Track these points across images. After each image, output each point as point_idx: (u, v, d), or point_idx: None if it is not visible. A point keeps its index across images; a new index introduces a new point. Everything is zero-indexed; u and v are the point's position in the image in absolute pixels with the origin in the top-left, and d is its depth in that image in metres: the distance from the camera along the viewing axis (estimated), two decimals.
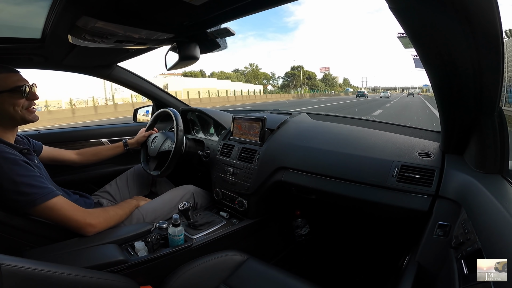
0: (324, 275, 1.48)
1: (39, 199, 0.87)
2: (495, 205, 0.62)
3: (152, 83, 1.99)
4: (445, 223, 0.83)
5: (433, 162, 0.96)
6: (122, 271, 0.91)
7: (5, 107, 0.94)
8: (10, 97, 0.94)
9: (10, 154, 0.88)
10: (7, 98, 0.94)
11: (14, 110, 0.95)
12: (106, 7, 0.77)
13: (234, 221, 1.32)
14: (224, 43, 1.18)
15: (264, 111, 1.77)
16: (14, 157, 0.86)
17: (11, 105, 0.94)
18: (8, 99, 0.94)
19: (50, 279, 0.58)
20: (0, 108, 0.93)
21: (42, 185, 0.90)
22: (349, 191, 1.07)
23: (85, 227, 0.96)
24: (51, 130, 1.69)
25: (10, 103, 0.94)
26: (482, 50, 0.58)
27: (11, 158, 0.86)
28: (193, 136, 1.82)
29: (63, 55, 1.28)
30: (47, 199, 0.89)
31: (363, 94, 45.37)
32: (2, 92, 0.93)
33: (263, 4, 0.81)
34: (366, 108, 18.03)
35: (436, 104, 0.80)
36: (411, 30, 0.59)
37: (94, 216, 0.99)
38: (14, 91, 0.95)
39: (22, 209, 0.87)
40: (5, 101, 0.93)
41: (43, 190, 0.89)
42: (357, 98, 39.34)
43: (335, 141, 1.22)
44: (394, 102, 25.88)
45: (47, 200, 0.89)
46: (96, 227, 0.98)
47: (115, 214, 1.07)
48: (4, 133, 0.96)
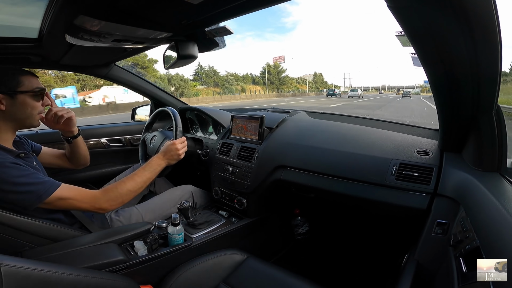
0: (323, 273, 1.49)
1: (44, 193, 0.88)
2: (493, 203, 0.63)
3: (150, 82, 1.99)
4: (443, 221, 0.84)
5: (432, 160, 0.96)
6: (122, 271, 0.91)
7: (23, 107, 0.95)
8: (32, 98, 0.96)
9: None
10: (29, 99, 0.95)
11: (30, 112, 0.97)
12: (103, 6, 0.77)
13: (234, 220, 1.33)
14: (222, 42, 1.18)
15: (262, 109, 1.77)
16: (2, 161, 0.85)
17: (29, 106, 0.96)
18: (29, 100, 0.95)
19: (49, 279, 0.58)
20: (18, 108, 0.94)
21: (41, 180, 0.90)
22: (348, 189, 1.07)
23: (96, 211, 0.98)
24: (49, 130, 1.68)
25: (30, 104, 0.95)
26: (480, 49, 0.58)
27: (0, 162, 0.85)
28: (191, 135, 1.82)
29: (60, 54, 1.28)
30: (52, 191, 0.89)
31: (334, 93, 41.28)
32: (27, 92, 0.94)
33: (261, 2, 0.81)
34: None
35: (434, 102, 0.81)
36: (409, 28, 0.59)
37: (104, 200, 0.98)
38: (36, 94, 0.97)
39: (31, 207, 0.87)
40: (25, 101, 0.95)
41: (44, 185, 0.89)
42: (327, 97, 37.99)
43: (334, 139, 1.22)
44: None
45: (52, 192, 0.89)
46: (108, 209, 0.99)
47: (127, 191, 1.03)
48: (5, 134, 0.95)
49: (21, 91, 0.93)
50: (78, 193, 0.95)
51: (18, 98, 0.93)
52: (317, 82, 75.49)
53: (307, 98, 37.85)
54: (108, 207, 0.99)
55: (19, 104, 0.93)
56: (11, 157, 0.91)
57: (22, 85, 0.93)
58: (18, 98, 0.93)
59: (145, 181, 1.09)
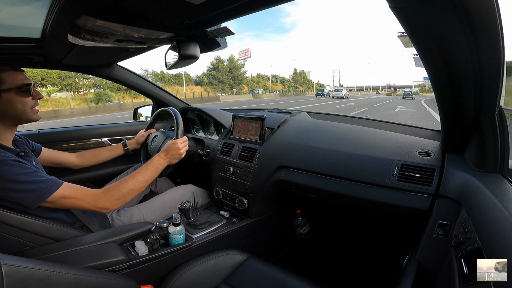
0: (324, 274, 1.49)
1: (46, 192, 0.88)
2: (495, 204, 0.62)
3: (152, 82, 1.99)
4: (445, 222, 0.83)
5: (433, 161, 0.96)
6: (123, 271, 0.91)
7: (12, 105, 0.93)
8: (18, 95, 0.94)
9: (1, 156, 0.86)
10: (15, 96, 0.93)
11: (22, 108, 0.95)
12: (106, 6, 0.77)
13: (235, 220, 1.33)
14: (224, 42, 1.18)
15: (264, 110, 1.78)
16: (4, 158, 0.85)
17: (18, 103, 0.94)
18: (15, 97, 0.94)
19: (50, 278, 0.58)
20: (7, 106, 0.93)
21: (43, 179, 0.90)
22: (349, 190, 1.07)
23: (98, 210, 0.98)
24: (51, 130, 1.69)
25: (18, 101, 0.94)
26: (482, 49, 0.58)
27: (1, 160, 0.85)
28: (193, 135, 1.82)
29: (63, 54, 1.28)
30: (54, 190, 0.89)
31: (323, 93, 39.93)
32: (10, 90, 0.92)
33: (263, 3, 0.81)
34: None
35: (437, 103, 0.80)
36: (411, 29, 0.59)
37: (106, 199, 0.98)
38: (22, 89, 0.95)
39: (32, 205, 0.87)
40: (12, 99, 0.93)
41: (46, 183, 0.89)
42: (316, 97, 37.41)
43: (335, 140, 1.22)
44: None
45: (54, 191, 0.89)
46: (110, 209, 0.99)
47: (129, 190, 1.03)
48: (4, 133, 0.95)
49: (4, 90, 0.91)
50: (80, 192, 0.95)
51: (4, 97, 0.91)
52: (297, 80, 68.41)
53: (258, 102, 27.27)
54: (110, 206, 0.99)
55: (6, 102, 0.92)
56: (13, 155, 0.91)
57: (5, 83, 0.92)
58: (4, 96, 0.91)
59: (147, 180, 1.09)
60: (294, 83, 67.27)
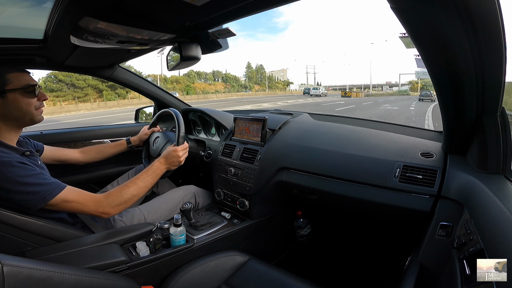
0: (326, 275, 1.48)
1: (49, 195, 0.88)
2: (497, 206, 0.62)
3: (154, 84, 2.00)
4: (447, 224, 0.83)
5: (436, 163, 0.95)
6: (124, 272, 0.91)
7: (17, 105, 0.93)
8: (23, 95, 0.94)
9: (5, 157, 0.87)
10: (20, 96, 0.94)
11: (26, 109, 0.95)
12: (108, 8, 0.77)
13: (236, 221, 1.32)
14: (225, 43, 1.18)
15: (265, 111, 1.78)
16: (9, 160, 0.85)
17: (23, 103, 0.94)
18: (20, 98, 0.94)
19: (52, 279, 0.58)
20: (12, 107, 0.93)
21: (47, 181, 0.90)
22: (351, 191, 1.07)
23: (99, 215, 0.98)
24: (54, 131, 1.70)
25: (23, 101, 0.94)
26: (484, 50, 0.57)
27: (6, 161, 0.85)
28: (194, 137, 1.82)
29: (65, 55, 1.29)
30: (57, 193, 0.89)
31: (309, 92, 39.91)
32: (16, 90, 0.93)
33: (264, 4, 0.81)
34: None
35: (439, 104, 0.80)
36: (413, 30, 0.59)
37: (107, 204, 0.98)
38: (27, 90, 0.95)
39: (34, 207, 0.87)
40: (17, 99, 0.93)
41: (49, 186, 0.89)
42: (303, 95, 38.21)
43: (337, 141, 1.22)
44: None
45: (57, 194, 0.89)
46: (111, 214, 1.00)
47: (131, 196, 1.04)
48: (8, 134, 0.95)
49: (9, 90, 0.91)
50: (82, 196, 0.95)
51: (9, 97, 0.92)
52: (252, 78, 58.62)
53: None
54: (111, 211, 0.99)
55: (11, 102, 0.92)
56: (18, 156, 0.91)
57: (10, 83, 0.92)
58: (9, 97, 0.92)
59: (147, 186, 1.11)
60: (248, 81, 57.96)
